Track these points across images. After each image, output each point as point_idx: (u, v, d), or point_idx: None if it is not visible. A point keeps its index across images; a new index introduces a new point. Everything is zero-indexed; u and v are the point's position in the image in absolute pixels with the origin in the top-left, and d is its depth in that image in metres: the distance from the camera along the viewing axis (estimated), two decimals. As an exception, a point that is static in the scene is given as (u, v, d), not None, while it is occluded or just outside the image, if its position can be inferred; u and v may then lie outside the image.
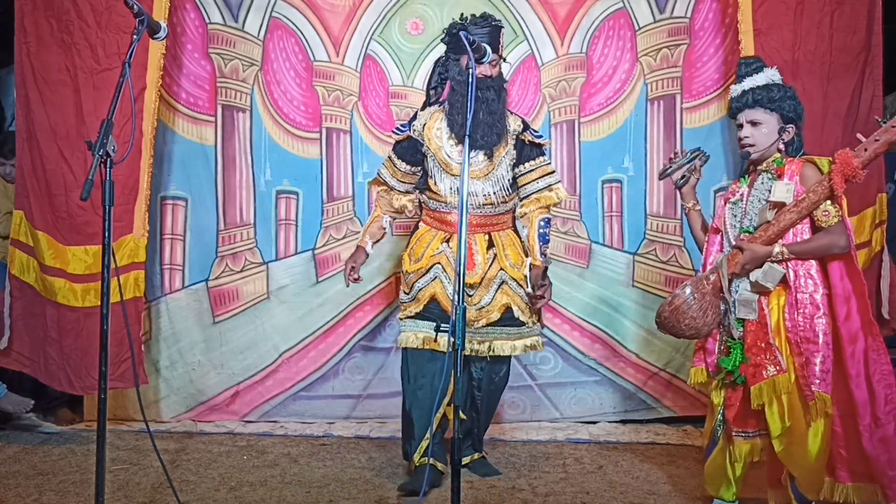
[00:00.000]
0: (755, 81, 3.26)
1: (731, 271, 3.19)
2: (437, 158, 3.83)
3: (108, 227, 2.85)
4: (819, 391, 3.04)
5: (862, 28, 4.28)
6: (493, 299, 3.83)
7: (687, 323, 3.25)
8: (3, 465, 4.10)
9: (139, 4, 3.07)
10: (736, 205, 3.33)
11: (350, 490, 3.77)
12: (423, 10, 4.88)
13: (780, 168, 3.21)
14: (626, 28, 4.88)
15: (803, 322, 3.09)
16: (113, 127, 2.89)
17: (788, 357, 3.11)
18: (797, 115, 3.24)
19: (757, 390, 3.13)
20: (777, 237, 3.13)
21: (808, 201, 3.08)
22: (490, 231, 3.90)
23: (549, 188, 3.91)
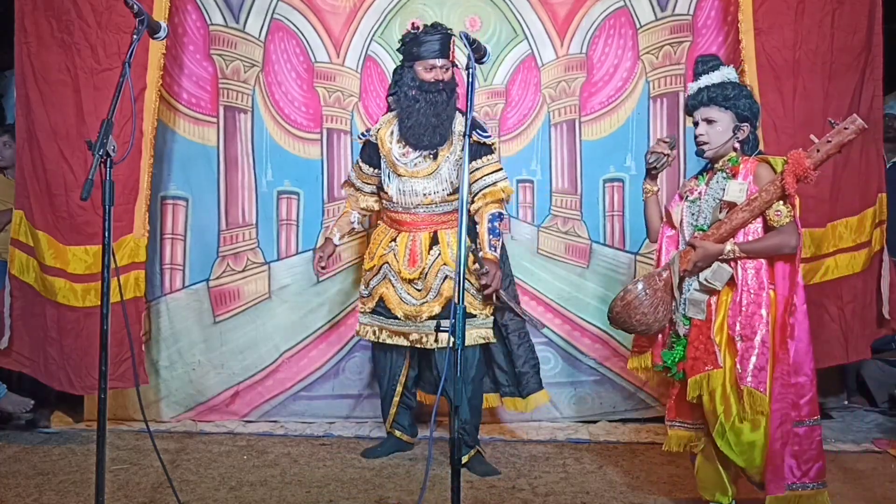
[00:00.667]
0: (711, 79, 3.27)
1: (683, 268, 3.23)
2: (387, 161, 4.10)
3: (108, 227, 2.85)
4: (749, 387, 3.09)
5: (863, 28, 4.29)
6: (436, 294, 4.02)
7: (638, 318, 3.29)
8: (3, 465, 4.11)
9: (139, 4, 3.07)
10: (693, 203, 3.35)
11: (350, 490, 3.78)
12: (424, 11, 4.89)
13: (735, 167, 3.23)
14: (627, 26, 4.88)
15: (744, 320, 3.13)
16: (113, 127, 2.89)
17: (726, 354, 3.16)
18: (752, 113, 3.26)
19: (693, 382, 3.19)
20: (729, 236, 3.16)
21: (761, 200, 3.10)
22: (437, 229, 4.10)
23: (495, 184, 4.05)
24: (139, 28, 3.07)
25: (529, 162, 4.96)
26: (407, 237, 4.11)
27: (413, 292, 4.07)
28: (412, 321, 4.05)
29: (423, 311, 4.03)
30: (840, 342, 4.37)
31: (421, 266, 4.04)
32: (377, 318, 4.15)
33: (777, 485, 3.12)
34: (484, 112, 4.93)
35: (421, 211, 4.08)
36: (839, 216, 4.26)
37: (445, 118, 3.98)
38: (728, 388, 3.14)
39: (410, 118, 3.99)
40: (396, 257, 4.09)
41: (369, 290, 4.18)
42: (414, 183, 4.05)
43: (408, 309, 4.06)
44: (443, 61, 3.95)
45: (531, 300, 4.94)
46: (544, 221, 4.96)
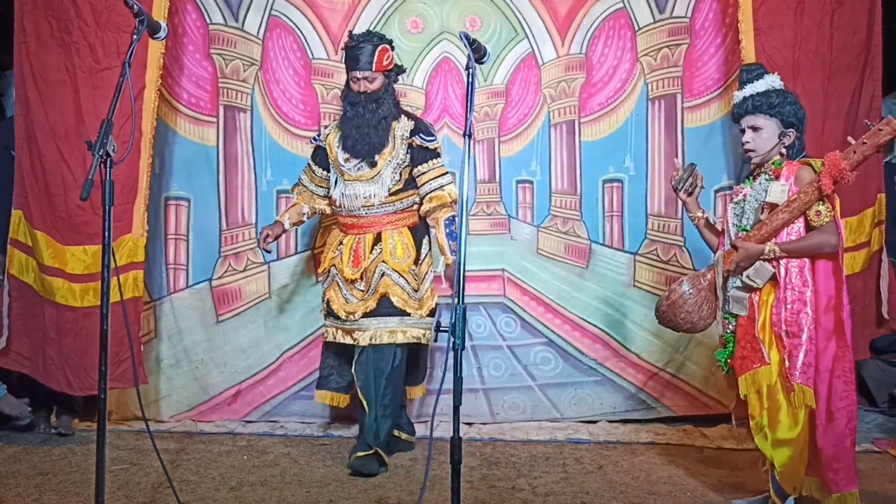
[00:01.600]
0: (755, 88, 3.35)
1: (727, 269, 3.31)
2: (335, 165, 4.22)
3: (107, 226, 2.85)
4: (799, 383, 3.15)
5: (862, 28, 4.30)
6: (373, 291, 4.11)
7: (683, 317, 3.39)
8: (3, 465, 4.10)
9: (139, 4, 3.07)
10: (738, 205, 3.43)
11: (350, 490, 3.78)
12: (423, 9, 4.89)
13: (778, 170, 3.29)
14: (626, 28, 4.89)
15: (789, 317, 3.19)
16: (113, 127, 2.89)
17: (773, 351, 3.22)
18: (798, 119, 3.32)
19: (743, 381, 3.27)
20: (770, 236, 3.22)
21: (800, 202, 3.17)
22: (381, 230, 4.19)
23: (441, 188, 4.16)
24: (139, 28, 3.07)
25: (529, 162, 4.96)
26: (353, 240, 4.20)
27: (356, 293, 4.17)
28: (351, 319, 4.13)
29: (360, 307, 4.12)
30: (840, 342, 4.38)
31: (363, 266, 4.14)
32: (330, 319, 4.25)
33: (850, 481, 3.16)
34: (484, 112, 4.93)
35: (363, 213, 4.17)
36: (839, 216, 4.26)
37: (375, 126, 4.09)
38: (775, 383, 3.21)
39: (344, 127, 4.15)
40: (342, 260, 4.18)
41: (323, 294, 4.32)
42: (356, 187, 4.15)
43: (348, 307, 4.15)
44: (364, 73, 4.05)
45: (531, 300, 4.95)
46: (544, 221, 4.96)
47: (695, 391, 4.81)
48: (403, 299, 4.10)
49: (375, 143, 4.10)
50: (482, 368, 4.94)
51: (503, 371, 4.95)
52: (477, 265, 4.88)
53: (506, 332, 4.97)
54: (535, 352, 4.95)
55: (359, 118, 4.10)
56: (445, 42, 4.91)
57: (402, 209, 4.21)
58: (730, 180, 4.74)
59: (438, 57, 4.93)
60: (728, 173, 4.75)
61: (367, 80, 4.07)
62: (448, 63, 4.93)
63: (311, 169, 4.36)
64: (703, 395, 4.80)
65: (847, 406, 3.16)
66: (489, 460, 4.22)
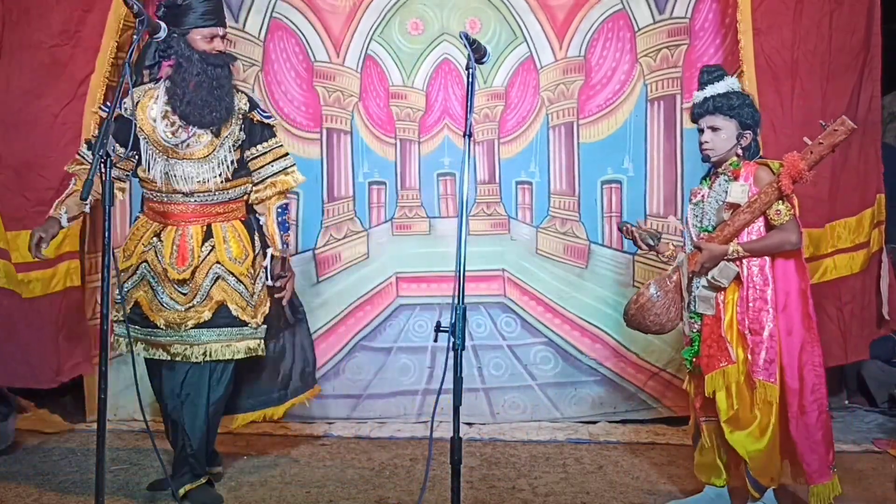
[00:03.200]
0: (716, 89, 3.37)
1: (691, 270, 3.34)
2: (150, 140, 3.52)
3: (108, 226, 2.84)
4: (760, 379, 3.21)
5: (861, 28, 4.29)
6: (205, 297, 3.54)
7: (651, 319, 3.43)
8: (3, 465, 4.09)
9: (139, 4, 3.07)
10: (697, 206, 3.47)
11: (350, 490, 3.77)
12: (424, 11, 4.89)
13: (736, 171, 3.34)
14: (625, 29, 4.87)
15: (751, 316, 3.25)
16: (112, 127, 2.89)
17: (738, 349, 3.27)
18: (755, 121, 3.37)
19: (710, 379, 3.29)
20: (732, 236, 3.27)
21: (760, 202, 3.22)
22: (210, 221, 3.59)
23: (285, 171, 3.69)
24: (139, 28, 3.07)
25: (528, 164, 4.96)
26: (174, 232, 3.57)
27: (178, 296, 3.54)
28: (175, 330, 3.53)
29: (190, 317, 3.52)
30: (839, 342, 4.38)
31: (192, 264, 3.53)
32: (132, 327, 3.51)
33: (822, 472, 3.24)
34: (483, 114, 4.93)
35: (192, 200, 3.56)
36: (838, 216, 4.27)
37: (228, 91, 3.54)
38: (742, 381, 3.25)
39: (189, 92, 3.47)
40: (159, 255, 3.54)
41: (122, 295, 3.53)
42: (185, 167, 3.52)
43: (170, 315, 3.53)
44: (223, 30, 3.57)
45: (531, 300, 4.94)
46: (543, 222, 4.95)
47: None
48: (242, 307, 3.55)
49: (230, 108, 3.52)
50: (482, 368, 4.93)
51: (503, 370, 4.95)
52: (477, 265, 4.85)
53: (506, 332, 4.96)
54: (535, 351, 4.94)
55: (219, 80, 3.50)
56: (445, 44, 4.91)
57: (235, 198, 3.64)
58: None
59: (439, 58, 4.92)
60: (726, 175, 4.73)
61: (223, 38, 3.57)
62: (448, 64, 4.92)
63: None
64: (702, 395, 4.78)
65: (818, 399, 3.24)
66: (489, 460, 4.21)
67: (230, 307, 3.54)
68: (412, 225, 4.97)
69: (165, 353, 3.54)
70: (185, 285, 3.52)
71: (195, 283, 3.52)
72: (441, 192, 4.96)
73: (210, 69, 3.48)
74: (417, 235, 4.97)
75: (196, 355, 3.51)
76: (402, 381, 4.92)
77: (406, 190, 4.97)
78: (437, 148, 4.95)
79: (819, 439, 3.23)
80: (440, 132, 4.92)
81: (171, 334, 3.52)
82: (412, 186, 4.97)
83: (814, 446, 3.22)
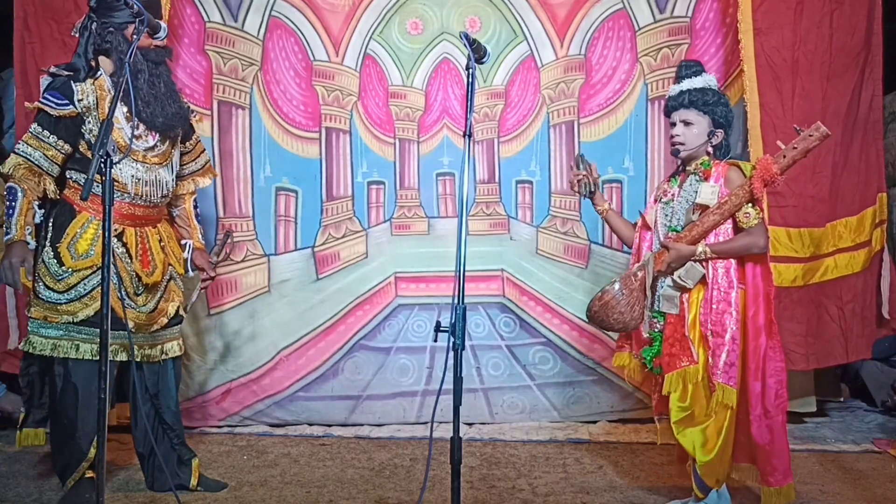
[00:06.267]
0: (693, 83, 3.40)
1: (658, 269, 3.36)
2: (116, 143, 3.36)
3: (107, 226, 2.84)
4: (720, 382, 3.22)
5: (862, 28, 4.32)
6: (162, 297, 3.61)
7: (615, 318, 3.43)
8: (3, 465, 4.11)
9: (139, 4, 3.07)
10: (667, 205, 3.47)
11: (350, 490, 3.78)
12: (423, 10, 4.91)
13: (707, 171, 3.36)
14: (625, 28, 4.90)
15: (714, 318, 3.26)
16: (112, 127, 2.89)
17: (700, 349, 3.29)
18: (727, 121, 3.40)
19: (669, 379, 3.32)
20: (701, 237, 3.29)
21: (731, 204, 3.24)
22: (157, 222, 3.64)
23: (207, 167, 3.91)
24: (139, 28, 3.07)
25: (528, 163, 4.98)
26: (134, 234, 3.53)
27: (144, 299, 3.55)
28: (143, 332, 3.56)
29: (156, 318, 3.58)
30: (840, 342, 4.41)
31: (155, 267, 3.57)
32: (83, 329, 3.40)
33: (786, 474, 3.27)
34: (483, 113, 4.95)
35: (160, 204, 3.60)
36: (839, 216, 4.29)
37: (177, 95, 3.56)
38: (700, 381, 3.27)
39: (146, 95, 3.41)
40: (124, 259, 3.48)
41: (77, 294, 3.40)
42: (157, 172, 3.53)
43: (140, 317, 3.53)
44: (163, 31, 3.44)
45: (530, 300, 4.96)
46: (543, 222, 4.97)
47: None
48: (182, 305, 3.72)
49: (179, 116, 3.53)
50: (481, 368, 4.95)
51: (502, 371, 4.97)
52: (476, 265, 4.88)
53: (505, 332, 4.99)
54: (533, 351, 4.96)
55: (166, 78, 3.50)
56: (445, 43, 4.94)
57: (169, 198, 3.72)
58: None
59: (438, 58, 4.95)
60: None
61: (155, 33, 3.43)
62: (448, 64, 4.95)
63: (44, 140, 3.38)
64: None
65: (781, 404, 3.26)
66: (489, 460, 4.22)
67: (179, 306, 3.70)
68: (411, 225, 4.99)
69: (125, 355, 3.50)
70: (152, 288, 3.56)
71: (158, 285, 3.58)
72: (440, 192, 4.98)
73: (153, 67, 3.45)
74: (416, 235, 4.99)
75: (157, 354, 3.61)
76: (402, 381, 4.94)
77: (405, 190, 4.99)
78: (437, 147, 4.98)
79: (785, 442, 3.26)
80: (439, 132, 4.94)
81: (138, 337, 3.54)
82: (411, 186, 4.99)
83: (780, 448, 3.25)
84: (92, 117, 3.40)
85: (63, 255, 3.40)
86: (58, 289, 3.40)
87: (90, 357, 3.38)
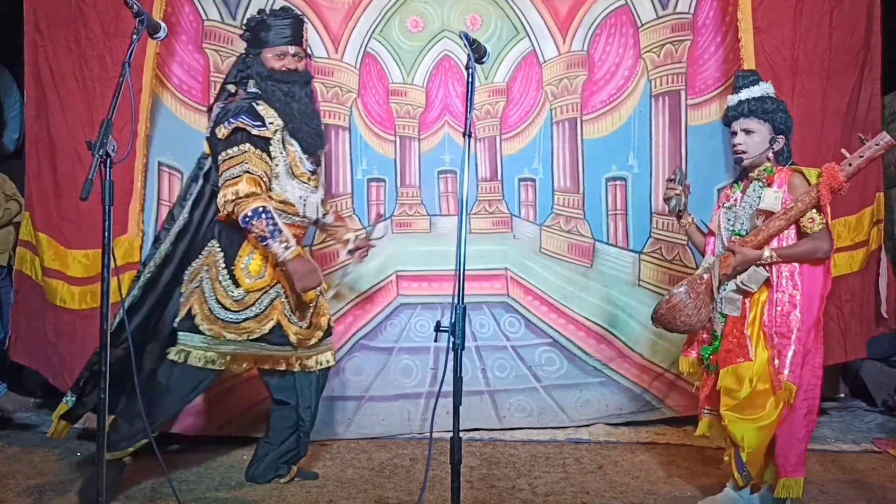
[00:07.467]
0: (752, 93, 3.54)
1: (723, 272, 3.48)
2: (291, 163, 3.70)
3: (108, 226, 2.90)
4: (787, 381, 3.33)
5: (861, 27, 4.40)
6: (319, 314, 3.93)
7: (682, 320, 3.57)
8: (3, 465, 4.19)
9: (139, 4, 3.13)
10: (730, 210, 3.62)
11: (350, 490, 3.85)
12: (424, 8, 4.96)
13: (770, 177, 3.50)
14: (628, 24, 4.97)
15: (779, 319, 3.37)
16: (112, 127, 2.94)
17: (759, 348, 3.40)
18: (787, 127, 3.54)
19: (725, 373, 3.46)
20: (766, 242, 3.42)
21: (796, 210, 3.37)
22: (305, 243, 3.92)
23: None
24: (139, 28, 3.12)
25: (531, 160, 5.03)
26: None
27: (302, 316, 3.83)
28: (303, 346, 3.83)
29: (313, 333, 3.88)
30: (838, 341, 4.49)
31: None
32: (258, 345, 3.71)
33: (798, 468, 3.37)
34: (485, 110, 5.01)
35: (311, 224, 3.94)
36: (837, 215, 4.36)
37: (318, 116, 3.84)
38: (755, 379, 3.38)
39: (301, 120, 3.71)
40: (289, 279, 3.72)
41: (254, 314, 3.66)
42: (317, 192, 3.86)
43: (300, 332, 3.81)
44: (297, 48, 3.74)
45: (535, 300, 5.00)
46: (547, 220, 5.02)
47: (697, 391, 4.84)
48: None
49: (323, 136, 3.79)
50: (487, 370, 4.96)
51: (508, 372, 4.98)
52: (479, 264, 4.92)
53: (510, 332, 5.01)
54: (539, 352, 4.98)
55: (301, 105, 3.72)
56: (446, 40, 4.97)
57: None
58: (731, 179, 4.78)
59: (439, 55, 5.00)
60: (729, 173, 4.78)
61: (297, 57, 3.75)
62: (448, 61, 5.00)
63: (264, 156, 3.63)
64: (705, 395, 4.84)
65: (808, 399, 3.40)
66: (489, 460, 4.29)
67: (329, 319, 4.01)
68: (412, 223, 5.02)
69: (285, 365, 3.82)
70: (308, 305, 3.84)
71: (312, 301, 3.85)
72: (441, 190, 5.02)
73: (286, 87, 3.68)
74: (418, 233, 5.01)
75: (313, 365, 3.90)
76: (405, 383, 4.92)
77: (406, 187, 5.03)
78: (438, 145, 5.02)
79: (802, 436, 3.38)
80: (440, 129, 4.98)
81: (299, 350, 3.82)
82: (412, 184, 5.03)
83: (795, 442, 3.37)
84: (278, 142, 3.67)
85: (238, 277, 3.66)
86: (234, 308, 3.65)
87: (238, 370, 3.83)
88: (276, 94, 3.68)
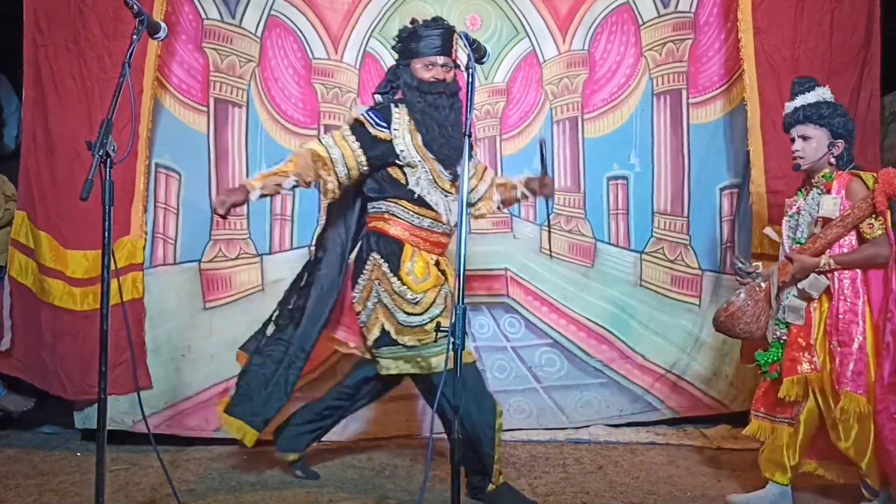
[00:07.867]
0: (806, 99, 3.61)
1: (782, 280, 3.55)
2: (430, 169, 3.70)
3: (107, 227, 2.93)
4: (848, 391, 3.36)
5: (861, 27, 4.44)
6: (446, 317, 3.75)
7: (741, 327, 3.66)
8: (3, 465, 4.22)
9: (139, 4, 3.15)
10: (792, 217, 3.68)
11: (350, 490, 3.88)
12: (424, 8, 4.98)
13: (829, 183, 3.54)
14: (629, 23, 5.01)
15: (841, 328, 3.42)
16: (112, 127, 2.97)
17: (826, 359, 3.44)
18: (847, 131, 3.58)
19: (789, 382, 3.48)
20: (824, 249, 3.48)
21: (853, 217, 3.43)
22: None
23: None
24: (139, 28, 3.15)
25: (531, 160, 5.01)
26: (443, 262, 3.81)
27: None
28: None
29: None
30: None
31: None
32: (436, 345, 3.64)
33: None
34: (485, 110, 5.05)
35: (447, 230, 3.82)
36: (837, 215, 4.37)
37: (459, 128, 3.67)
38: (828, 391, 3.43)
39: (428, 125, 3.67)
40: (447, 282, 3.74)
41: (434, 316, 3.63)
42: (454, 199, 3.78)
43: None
44: (445, 58, 3.70)
45: (535, 300, 5.02)
46: (548, 220, 5.02)
47: (698, 392, 4.88)
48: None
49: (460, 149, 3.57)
50: (486, 371, 4.91)
51: (508, 373, 5.00)
52: (479, 264, 4.94)
53: (510, 333, 5.03)
54: (539, 353, 5.00)
55: (441, 116, 3.68)
56: (446, 40, 4.98)
57: None
58: (734, 178, 4.84)
59: (439, 54, 5.00)
60: (731, 172, 4.85)
61: (446, 67, 3.71)
62: (448, 61, 5.01)
63: (350, 147, 3.67)
64: (705, 396, 4.89)
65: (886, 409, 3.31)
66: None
67: None
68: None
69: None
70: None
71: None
72: (442, 189, 5.03)
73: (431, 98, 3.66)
74: (419, 233, 5.03)
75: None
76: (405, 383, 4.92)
77: (407, 186, 5.03)
78: (438, 144, 5.02)
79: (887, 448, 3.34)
80: (441, 127, 5.00)
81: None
82: (412, 183, 5.04)
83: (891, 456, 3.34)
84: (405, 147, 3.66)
85: (407, 282, 3.67)
86: (416, 312, 3.64)
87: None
88: (418, 105, 3.69)
